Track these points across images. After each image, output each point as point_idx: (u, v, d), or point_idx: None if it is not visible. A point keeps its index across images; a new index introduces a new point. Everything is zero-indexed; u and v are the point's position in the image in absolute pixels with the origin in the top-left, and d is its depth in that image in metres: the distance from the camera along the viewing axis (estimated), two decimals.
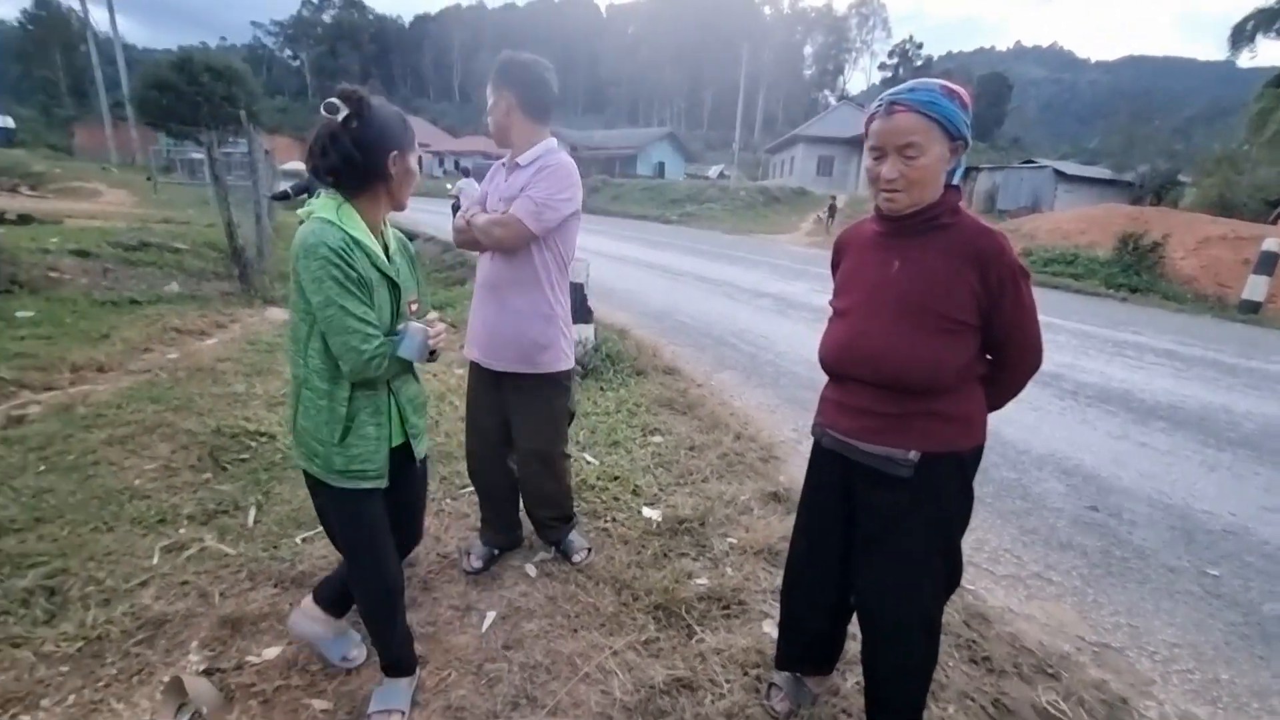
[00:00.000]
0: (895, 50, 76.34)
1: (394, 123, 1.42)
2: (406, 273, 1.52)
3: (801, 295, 8.45)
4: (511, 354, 2.07)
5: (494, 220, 1.98)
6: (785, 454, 3.47)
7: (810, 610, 1.60)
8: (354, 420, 1.43)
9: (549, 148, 2.04)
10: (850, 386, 1.35)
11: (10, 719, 1.57)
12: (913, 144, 1.18)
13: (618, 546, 2.43)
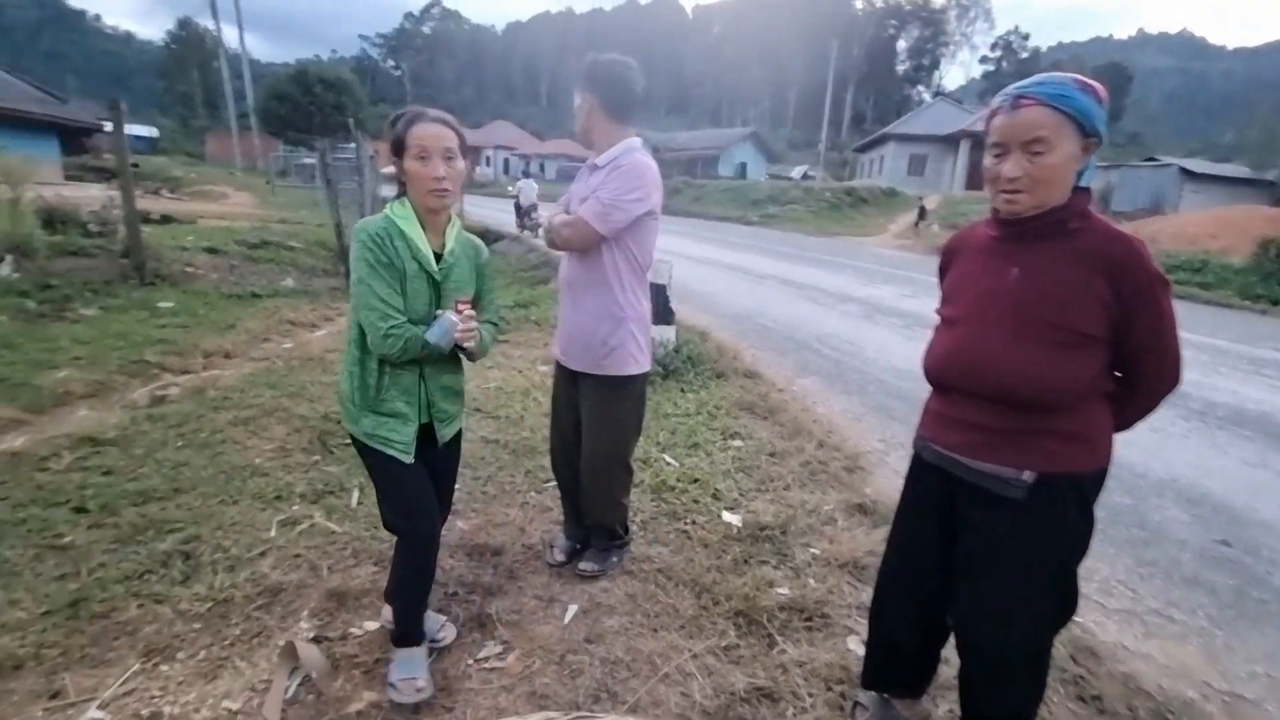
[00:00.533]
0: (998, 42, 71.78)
1: (395, 132, 1.53)
2: (463, 275, 1.63)
3: (890, 300, 8.12)
4: (581, 354, 2.10)
5: (564, 221, 2.01)
6: (871, 465, 3.35)
7: (901, 629, 1.54)
8: (384, 392, 1.56)
9: (628, 148, 2.02)
10: (957, 399, 1.28)
11: (153, 666, 1.76)
12: (1040, 139, 1.10)
13: (698, 549, 2.43)
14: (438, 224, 1.59)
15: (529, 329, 5.76)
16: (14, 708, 1.58)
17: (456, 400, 1.75)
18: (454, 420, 1.76)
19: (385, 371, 1.56)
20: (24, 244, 5.46)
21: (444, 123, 1.53)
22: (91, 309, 4.88)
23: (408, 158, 1.50)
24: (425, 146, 1.49)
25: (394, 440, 1.59)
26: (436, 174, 1.50)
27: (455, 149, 1.53)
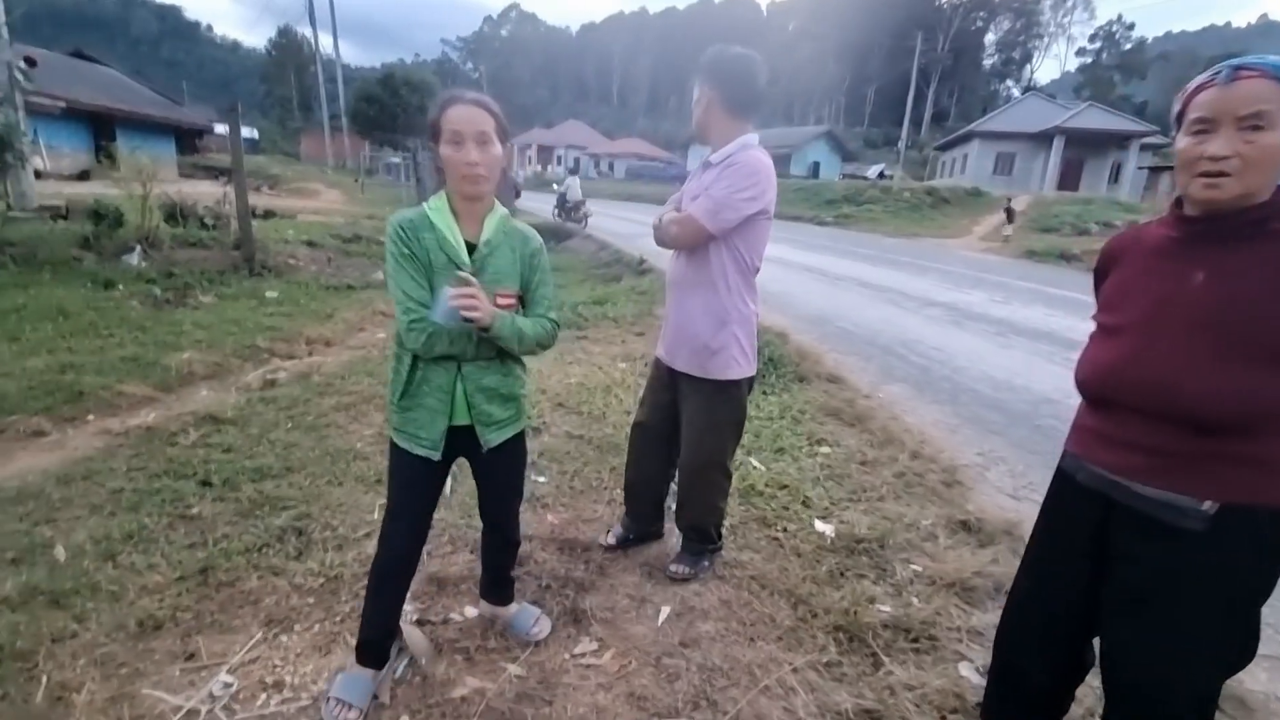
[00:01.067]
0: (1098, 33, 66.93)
1: (429, 118, 1.45)
2: (503, 267, 1.52)
3: (979, 305, 7.70)
4: (684, 355, 2.07)
5: (673, 218, 1.98)
6: (970, 480, 3.16)
7: (1033, 663, 1.42)
8: (416, 388, 1.51)
9: (744, 144, 1.97)
10: (1121, 416, 1.17)
11: (274, 636, 1.85)
12: (1261, 114, 0.97)
13: (790, 558, 2.35)
14: (475, 213, 1.50)
15: (607, 326, 5.80)
16: (155, 666, 1.70)
17: (505, 405, 1.62)
18: (503, 426, 1.62)
19: (419, 367, 1.51)
20: (151, 236, 5.96)
21: (479, 105, 1.43)
22: (209, 296, 5.27)
23: (442, 143, 1.42)
24: (458, 131, 1.39)
25: (420, 436, 1.53)
26: (469, 159, 1.40)
27: (490, 133, 1.42)
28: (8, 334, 3.89)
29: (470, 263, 1.47)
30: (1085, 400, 1.28)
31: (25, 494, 2.40)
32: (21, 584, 1.91)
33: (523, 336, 1.51)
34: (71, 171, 15.73)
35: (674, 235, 1.98)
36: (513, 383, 1.63)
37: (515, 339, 1.50)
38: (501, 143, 1.47)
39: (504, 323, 1.46)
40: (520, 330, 1.50)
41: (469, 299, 1.36)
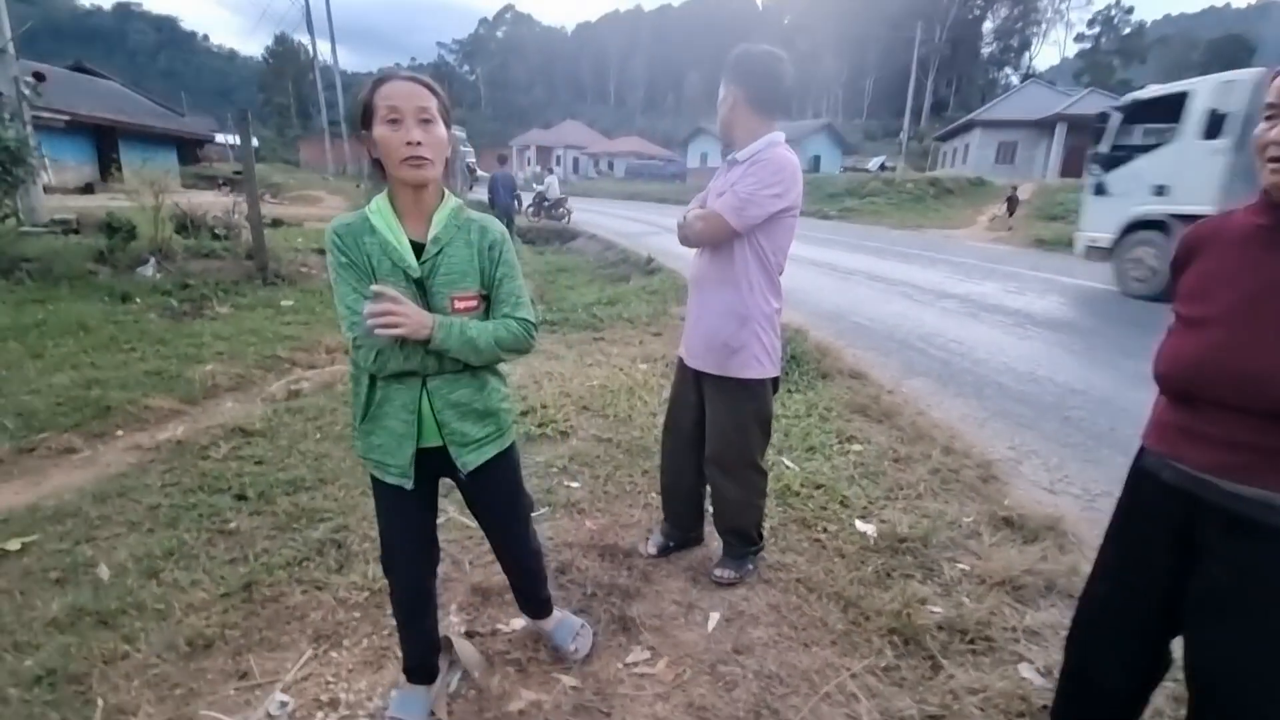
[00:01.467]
0: (1097, 18, 66.53)
1: (356, 101, 1.30)
2: (459, 266, 1.33)
3: (993, 297, 7.64)
4: (705, 353, 2.06)
5: (697, 214, 1.97)
6: (1005, 474, 3.13)
7: (1110, 665, 1.39)
8: (378, 408, 1.36)
9: (770, 142, 1.96)
10: (1209, 411, 1.13)
11: (324, 652, 1.83)
12: None
13: (835, 560, 2.33)
14: (422, 209, 1.32)
15: (622, 326, 5.77)
16: (209, 685, 1.68)
17: (482, 421, 1.43)
18: (481, 445, 1.44)
19: (376, 386, 1.35)
20: (164, 247, 5.95)
21: (417, 80, 1.27)
22: (225, 307, 5.26)
23: (377, 124, 1.23)
24: (396, 107, 1.21)
25: (388, 464, 1.38)
26: (410, 138, 1.22)
27: (434, 111, 1.25)
28: (31, 350, 3.88)
29: (418, 266, 1.29)
30: (1166, 395, 1.24)
31: (63, 513, 2.38)
32: (68, 605, 1.89)
33: (477, 345, 1.31)
34: (75, 184, 15.76)
35: (699, 231, 1.96)
36: (489, 396, 1.44)
37: (469, 349, 1.31)
38: (446, 125, 1.30)
39: (448, 332, 1.27)
40: (471, 339, 1.30)
41: (384, 316, 1.18)
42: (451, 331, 1.28)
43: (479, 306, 1.36)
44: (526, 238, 14.56)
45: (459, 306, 1.32)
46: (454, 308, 1.32)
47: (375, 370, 1.31)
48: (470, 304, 1.34)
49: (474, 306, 1.35)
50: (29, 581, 2.01)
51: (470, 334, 1.30)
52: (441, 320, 1.27)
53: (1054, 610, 2.07)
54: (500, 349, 1.36)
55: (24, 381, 3.43)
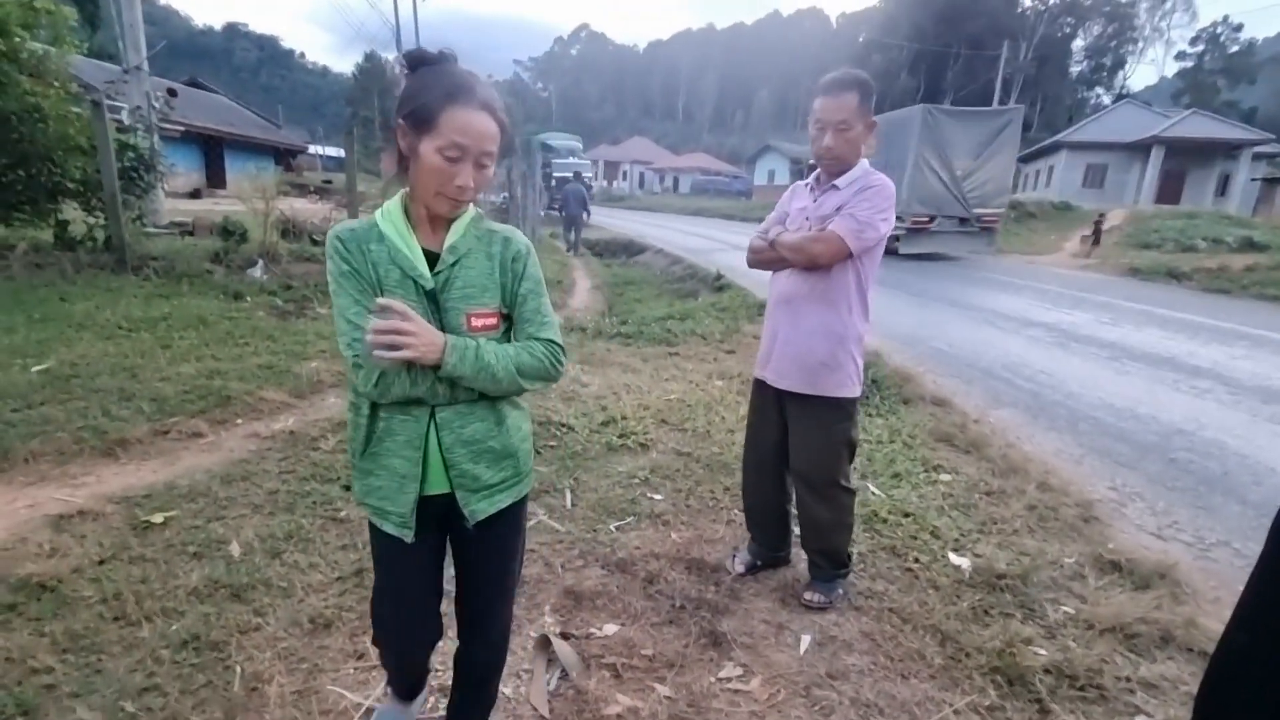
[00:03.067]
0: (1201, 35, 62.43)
1: (416, 87, 1.08)
2: (477, 279, 1.18)
3: (1085, 327, 7.26)
4: (796, 371, 2.05)
5: (812, 237, 1.96)
6: (1107, 515, 2.97)
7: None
8: (379, 442, 1.18)
9: (867, 168, 2.00)
10: None
11: None
12: None
13: (928, 592, 2.27)
14: (439, 219, 1.18)
15: (695, 342, 5.80)
16: (331, 662, 1.80)
17: (498, 464, 1.23)
18: (494, 493, 1.24)
19: (378, 416, 1.17)
20: (271, 250, 6.41)
21: (492, 112, 1.09)
22: (324, 308, 5.60)
23: (429, 143, 1.06)
24: (462, 145, 1.06)
25: (387, 511, 1.20)
26: (463, 182, 1.09)
27: (496, 153, 1.12)
28: (160, 341, 4.25)
29: (431, 277, 1.14)
30: None
31: (195, 492, 2.60)
32: (206, 577, 2.06)
33: (495, 373, 1.13)
34: (185, 190, 17.15)
35: (815, 253, 1.95)
36: (508, 433, 1.24)
37: (486, 376, 1.12)
38: (501, 155, 1.17)
39: (462, 356, 1.09)
40: (489, 364, 1.12)
41: (389, 335, 1.02)
42: (466, 355, 1.10)
43: (499, 325, 1.19)
44: (595, 250, 14.85)
45: (476, 324, 1.16)
46: (470, 326, 1.15)
47: (377, 396, 1.13)
48: (489, 322, 1.17)
49: (493, 325, 1.18)
50: (171, 553, 2.21)
51: (488, 359, 1.12)
52: (455, 342, 1.09)
53: (1171, 663, 1.95)
54: (522, 377, 1.17)
55: (156, 369, 3.76)
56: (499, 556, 1.33)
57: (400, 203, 1.16)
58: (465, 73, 1.10)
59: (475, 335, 1.15)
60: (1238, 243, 14.83)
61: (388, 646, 1.38)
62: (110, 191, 5.93)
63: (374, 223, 1.15)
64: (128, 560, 2.15)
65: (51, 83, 5.87)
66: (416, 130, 1.07)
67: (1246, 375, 5.35)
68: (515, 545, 1.36)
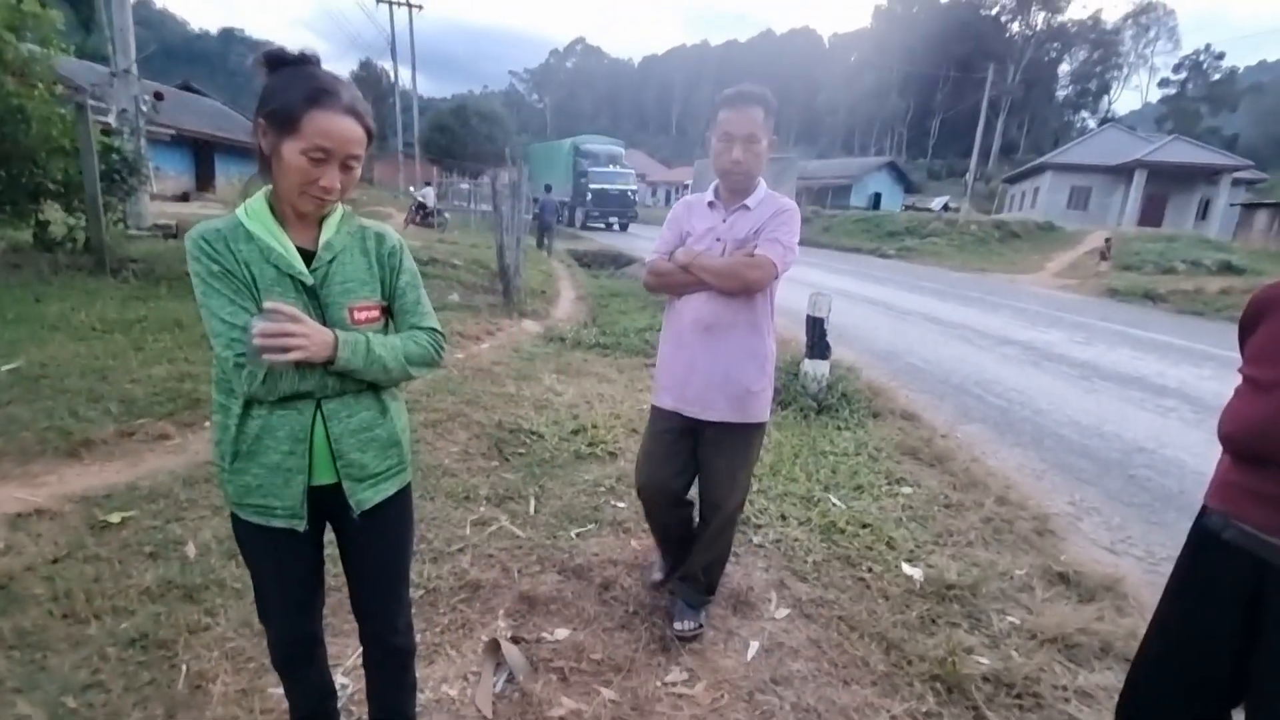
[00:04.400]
0: (1184, 62, 63.96)
1: (278, 86, 1.08)
2: (355, 275, 1.19)
3: (1059, 346, 7.39)
4: (723, 401, 1.93)
5: (747, 262, 1.83)
6: (1063, 529, 3.03)
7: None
8: (251, 444, 1.15)
9: (766, 189, 1.94)
10: (1277, 475, 1.13)
11: None
12: None
13: (878, 600, 2.31)
14: (308, 217, 1.17)
15: None
16: None
17: (384, 452, 1.25)
18: (379, 481, 1.25)
19: (254, 415, 1.14)
20: None
21: (357, 115, 1.09)
22: None
23: (291, 145, 1.05)
24: (326, 148, 1.06)
25: (273, 506, 1.17)
26: (329, 183, 1.09)
27: (361, 155, 1.12)
28: (133, 343, 4.24)
29: (309, 273, 1.14)
30: (1233, 456, 1.24)
31: (157, 493, 2.60)
32: (159, 577, 2.07)
33: (386, 364, 1.17)
34: (174, 193, 17.09)
35: (751, 279, 1.83)
36: (392, 421, 1.26)
37: (377, 367, 1.16)
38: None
39: (354, 351, 1.12)
40: (379, 357, 1.15)
41: (277, 338, 1.02)
42: (358, 349, 1.13)
43: (380, 317, 1.23)
44: (583, 261, 14.91)
45: (359, 317, 1.18)
46: (354, 319, 1.17)
47: (262, 395, 1.10)
48: (372, 314, 1.21)
49: (375, 317, 1.22)
50: (126, 553, 2.21)
51: (378, 351, 1.16)
52: (346, 337, 1.11)
53: (1109, 673, 2.00)
54: (410, 365, 1.22)
55: (127, 371, 3.76)
56: (391, 544, 1.35)
57: (265, 201, 1.14)
58: (329, 75, 1.10)
59: (359, 327, 1.17)
60: (1216, 266, 15.14)
61: (285, 634, 1.34)
62: (91, 193, 5.93)
63: (238, 221, 1.12)
64: (82, 559, 2.15)
65: (36, 84, 5.87)
66: (278, 131, 1.06)
67: (1212, 395, 5.47)
68: (406, 532, 1.39)
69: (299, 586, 1.30)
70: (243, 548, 1.27)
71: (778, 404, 4.36)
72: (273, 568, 1.27)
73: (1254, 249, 18.94)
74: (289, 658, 1.36)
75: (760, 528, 2.76)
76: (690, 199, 2.03)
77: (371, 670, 1.45)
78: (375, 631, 1.40)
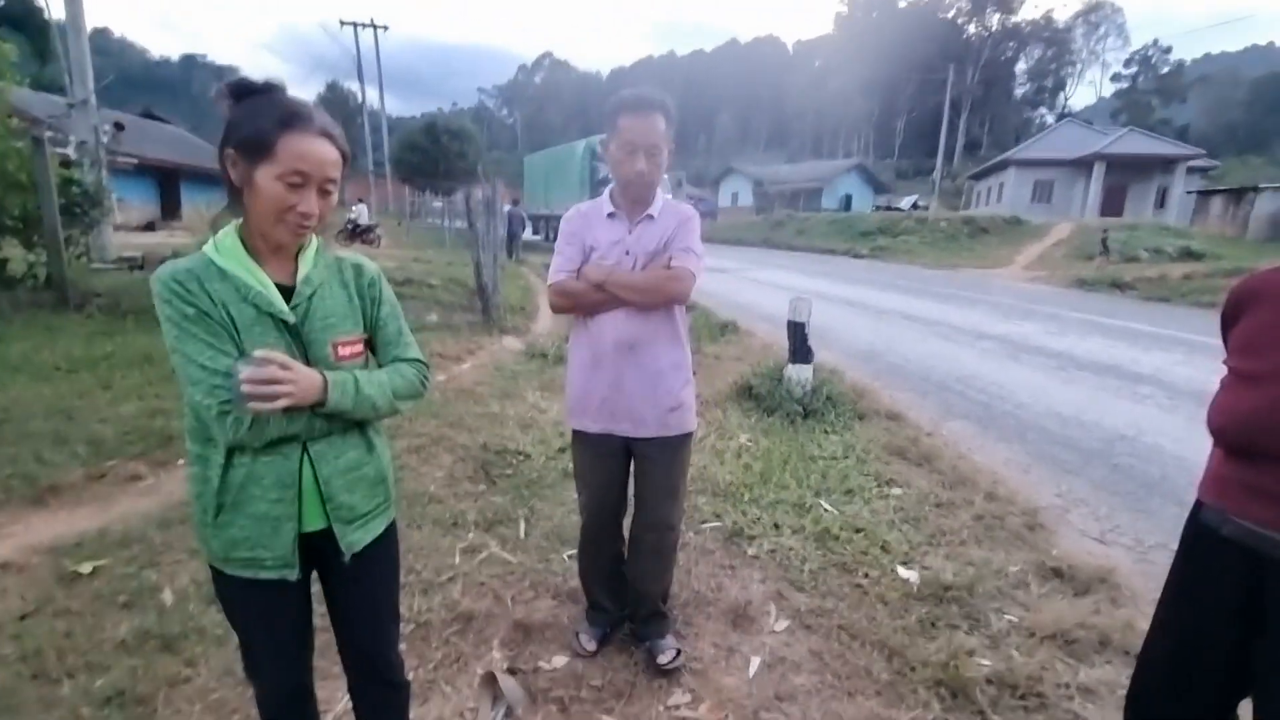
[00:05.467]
0: (1134, 57, 66.13)
1: (246, 114, 1.04)
2: (335, 309, 1.16)
3: (1035, 338, 7.51)
4: (653, 417, 1.85)
5: (667, 275, 1.76)
6: (1052, 523, 3.05)
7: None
8: (236, 494, 1.09)
9: (662, 194, 1.87)
10: (1270, 467, 1.13)
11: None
12: None
13: (877, 606, 2.29)
14: (284, 251, 1.13)
15: None
16: None
17: (372, 491, 1.22)
18: (368, 520, 1.21)
19: (237, 465, 1.08)
20: None
21: (332, 139, 1.07)
22: None
23: (267, 172, 1.02)
24: (304, 172, 1.04)
25: (263, 559, 1.12)
26: (308, 209, 1.06)
27: (338, 180, 1.10)
28: (100, 381, 4.11)
29: (289, 310, 1.10)
30: (1224, 449, 1.24)
31: (130, 538, 2.50)
32: (135, 628, 1.98)
33: (376, 404, 1.14)
34: (139, 223, 16.72)
35: (674, 292, 1.77)
36: (378, 458, 1.23)
37: (367, 406, 1.13)
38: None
39: (343, 392, 1.09)
40: (369, 396, 1.13)
41: (266, 384, 0.98)
42: (347, 390, 1.09)
43: (364, 352, 1.21)
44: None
45: (344, 353, 1.15)
46: (337, 355, 1.14)
47: (249, 441, 1.05)
48: (355, 349, 1.18)
49: (359, 352, 1.19)
50: (99, 604, 2.11)
51: (367, 390, 1.13)
52: (335, 379, 1.08)
53: (1109, 667, 2.00)
54: (399, 400, 1.19)
55: (94, 411, 3.63)
56: (381, 582, 1.31)
57: (236, 236, 1.10)
58: (299, 100, 1.07)
59: (343, 364, 1.14)
60: (1177, 252, 15.58)
61: (278, 688, 1.28)
62: (51, 228, 5.77)
63: (208, 260, 1.07)
64: (51, 613, 2.05)
65: None
66: (250, 159, 1.03)
67: (1183, 380, 5.59)
68: (394, 568, 1.35)
69: (290, 639, 1.25)
70: (227, 605, 1.21)
71: (763, 411, 4.36)
72: (261, 622, 1.21)
73: (1211, 234, 19.53)
74: (279, 713, 1.30)
75: (754, 538, 2.74)
76: (584, 208, 1.89)
77: (363, 714, 1.41)
78: (367, 674, 1.36)
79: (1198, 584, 1.29)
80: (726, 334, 7.31)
